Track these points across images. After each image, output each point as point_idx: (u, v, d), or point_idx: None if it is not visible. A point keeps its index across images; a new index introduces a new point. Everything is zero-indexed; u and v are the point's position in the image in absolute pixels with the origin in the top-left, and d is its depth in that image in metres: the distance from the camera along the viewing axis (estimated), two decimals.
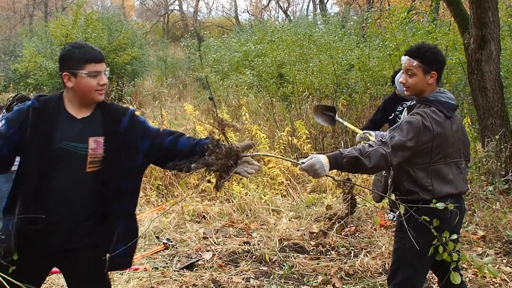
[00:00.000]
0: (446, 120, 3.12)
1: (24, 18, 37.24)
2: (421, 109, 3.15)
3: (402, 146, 3.02)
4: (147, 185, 8.08)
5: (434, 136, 3.06)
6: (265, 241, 5.86)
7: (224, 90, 12.83)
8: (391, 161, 3.01)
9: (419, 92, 3.25)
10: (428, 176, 3.15)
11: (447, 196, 3.19)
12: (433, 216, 3.19)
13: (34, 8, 36.94)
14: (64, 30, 17.96)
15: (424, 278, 3.42)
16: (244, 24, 33.13)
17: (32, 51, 17.14)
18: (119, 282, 4.59)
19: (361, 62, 9.89)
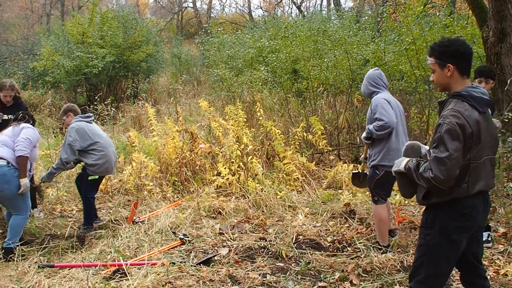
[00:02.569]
0: (480, 115, 3.09)
1: (42, 17, 37.54)
2: (453, 106, 3.12)
3: (453, 159, 3.03)
4: (163, 181, 8.12)
5: (472, 133, 3.04)
6: (281, 237, 5.85)
7: (238, 86, 12.81)
8: (453, 174, 3.06)
9: (444, 87, 3.26)
10: (467, 173, 3.11)
11: (478, 193, 3.17)
12: (461, 214, 3.17)
13: (51, 7, 37.20)
14: (80, 29, 18.09)
15: (447, 276, 3.38)
16: (258, 20, 33.08)
17: (50, 50, 17.25)
18: (137, 276, 4.62)
19: (376, 57, 9.80)
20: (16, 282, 4.73)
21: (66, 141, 6.26)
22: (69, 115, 6.56)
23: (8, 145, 5.51)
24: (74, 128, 6.31)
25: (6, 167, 5.40)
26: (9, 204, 5.62)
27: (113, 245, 5.69)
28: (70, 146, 6.23)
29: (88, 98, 17.46)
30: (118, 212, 7.23)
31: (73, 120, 6.49)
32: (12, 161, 5.45)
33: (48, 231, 6.50)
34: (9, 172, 5.41)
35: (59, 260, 5.50)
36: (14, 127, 5.68)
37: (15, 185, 5.47)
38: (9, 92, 6.65)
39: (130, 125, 13.87)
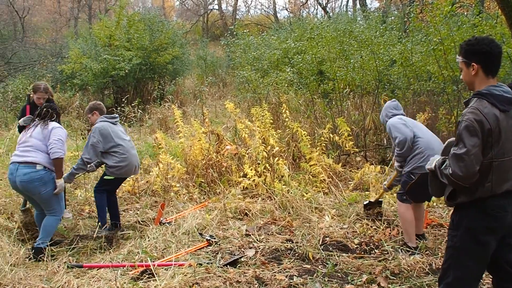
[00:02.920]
0: (501, 113, 3.05)
1: (70, 21, 38.10)
2: (473, 104, 3.11)
3: (471, 155, 3.03)
4: (189, 182, 8.15)
5: (491, 129, 3.00)
6: (308, 239, 5.82)
7: (264, 88, 12.81)
8: (472, 171, 3.06)
9: (470, 85, 3.29)
10: (490, 172, 3.07)
11: (506, 193, 3.12)
12: (487, 214, 3.12)
13: (78, 10, 37.75)
14: (107, 32, 18.29)
15: (477, 279, 3.31)
16: (283, 21, 33.05)
17: (78, 53, 17.49)
18: (165, 277, 4.64)
19: (403, 57, 9.72)
20: (46, 282, 4.79)
21: (90, 142, 6.23)
22: (94, 113, 6.56)
23: (41, 149, 5.58)
24: (98, 128, 6.29)
25: (43, 170, 5.51)
26: (45, 205, 5.71)
27: (140, 246, 5.74)
28: (93, 147, 6.21)
29: (115, 100, 17.66)
30: (145, 213, 7.28)
31: (98, 119, 6.48)
32: (48, 164, 5.55)
33: (76, 232, 6.58)
34: (45, 175, 5.53)
35: (88, 260, 5.57)
36: (43, 130, 5.67)
37: (51, 187, 5.60)
38: (43, 94, 6.74)
39: (157, 127, 13.98)
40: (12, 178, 5.53)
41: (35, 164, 5.49)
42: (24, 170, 5.46)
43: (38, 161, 5.50)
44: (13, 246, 5.68)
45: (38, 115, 5.81)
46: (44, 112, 5.82)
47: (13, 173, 5.51)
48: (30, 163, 5.48)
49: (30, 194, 5.60)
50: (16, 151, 5.64)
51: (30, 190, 5.52)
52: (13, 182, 5.56)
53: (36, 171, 5.47)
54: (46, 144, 5.60)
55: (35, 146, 5.57)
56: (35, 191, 5.54)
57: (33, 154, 5.52)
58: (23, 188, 5.51)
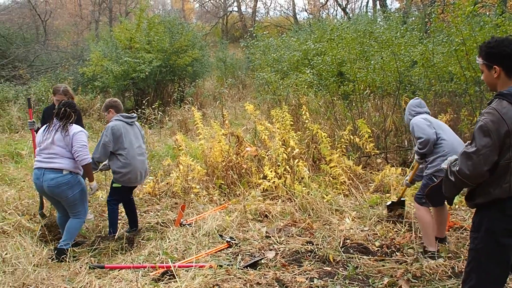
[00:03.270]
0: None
1: (91, 24, 38.52)
2: (492, 104, 3.08)
3: (480, 155, 3.01)
4: (209, 184, 8.17)
5: (510, 131, 2.97)
6: (328, 241, 5.80)
7: (284, 90, 12.80)
8: (480, 170, 3.04)
9: (492, 87, 3.25)
10: (508, 173, 3.03)
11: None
12: (506, 215, 3.08)
13: (99, 14, 38.13)
14: (128, 34, 18.42)
15: (500, 282, 3.26)
16: (303, 23, 33.01)
17: (99, 55, 17.64)
18: (185, 278, 4.66)
19: (424, 58, 9.63)
20: (68, 282, 4.84)
21: (101, 141, 6.09)
22: (110, 111, 6.42)
23: (65, 155, 5.63)
24: (111, 127, 6.14)
25: (69, 175, 5.60)
26: (71, 208, 5.77)
27: (161, 247, 5.77)
28: (104, 147, 6.08)
29: (136, 102, 17.80)
30: (165, 214, 7.32)
31: (114, 118, 6.34)
32: (73, 168, 5.63)
33: (98, 233, 6.63)
34: (72, 179, 5.62)
35: (109, 261, 5.62)
36: (65, 137, 5.64)
37: (78, 190, 5.70)
38: (62, 96, 6.73)
39: (177, 129, 14.04)
40: (39, 183, 5.60)
41: (61, 170, 5.56)
42: (51, 175, 5.53)
43: (64, 167, 5.58)
44: (36, 247, 5.75)
45: (57, 115, 5.78)
46: (62, 112, 5.77)
47: (39, 177, 5.58)
48: (56, 169, 5.56)
49: (58, 197, 5.68)
50: (39, 157, 5.69)
51: (58, 194, 5.60)
52: (40, 186, 5.63)
53: (63, 175, 5.56)
54: (69, 151, 5.64)
55: (59, 153, 5.61)
56: (62, 195, 5.62)
57: (58, 161, 5.59)
58: (51, 192, 5.59)
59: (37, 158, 5.71)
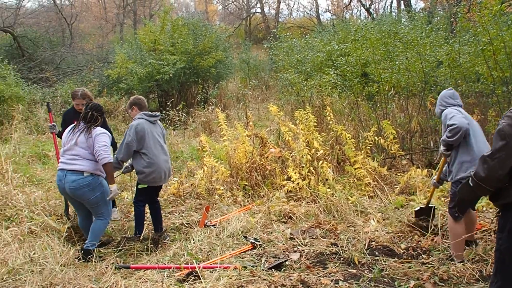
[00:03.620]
0: None
1: (115, 26, 38.92)
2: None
3: (495, 158, 3.00)
4: (233, 185, 8.19)
5: None
6: (353, 243, 5.77)
7: (307, 91, 12.76)
8: (495, 174, 3.03)
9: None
10: None
11: None
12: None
13: (124, 16, 38.50)
14: (152, 37, 18.56)
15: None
16: (326, 23, 32.89)
17: (123, 57, 17.81)
18: (210, 279, 4.67)
19: (450, 58, 9.50)
20: (95, 282, 4.89)
21: (124, 140, 6.09)
22: (134, 108, 6.41)
23: (87, 157, 5.67)
24: (134, 126, 6.12)
25: (90, 177, 5.63)
26: (94, 210, 5.83)
27: (186, 248, 5.80)
28: (128, 146, 6.07)
29: (160, 104, 17.92)
30: (190, 215, 7.35)
31: (137, 116, 6.33)
32: (94, 170, 5.67)
33: (124, 234, 6.69)
34: (93, 180, 5.65)
35: (135, 261, 5.66)
36: (88, 139, 5.69)
37: (100, 192, 5.73)
38: (81, 100, 6.79)
39: (201, 130, 14.10)
40: (61, 185, 5.66)
41: (82, 172, 5.61)
42: (72, 177, 5.58)
43: (85, 169, 5.61)
44: (63, 247, 5.82)
45: (84, 119, 5.83)
46: (89, 116, 5.81)
47: (61, 179, 5.64)
48: (78, 171, 5.61)
49: (79, 199, 5.73)
50: (62, 158, 5.75)
51: (79, 195, 5.65)
52: (62, 188, 5.70)
53: (84, 177, 5.60)
54: (91, 152, 5.68)
55: (81, 155, 5.66)
56: (84, 197, 5.66)
57: (79, 162, 5.63)
58: (72, 193, 5.64)
59: (61, 159, 5.78)
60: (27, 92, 16.23)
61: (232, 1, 45.80)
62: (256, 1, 43.27)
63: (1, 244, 5.68)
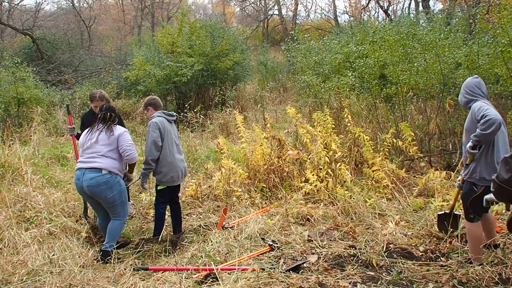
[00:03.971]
0: None
1: (133, 29, 39.23)
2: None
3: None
4: (251, 187, 8.20)
5: None
6: (371, 245, 5.75)
7: (325, 93, 12.75)
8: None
9: None
10: None
11: None
12: None
13: (142, 19, 38.76)
14: (170, 39, 18.66)
15: None
16: (344, 25, 32.80)
17: (141, 60, 17.93)
18: (228, 281, 4.69)
19: (469, 60, 9.43)
20: (113, 284, 4.93)
21: (150, 138, 6.10)
22: (149, 108, 6.45)
23: (107, 155, 5.74)
24: (154, 122, 6.15)
25: (108, 175, 5.69)
26: (110, 209, 5.88)
27: (204, 249, 5.82)
28: (155, 143, 6.08)
29: (178, 106, 18.00)
30: (208, 217, 7.38)
31: (155, 114, 6.34)
32: (113, 169, 5.73)
33: (142, 235, 6.73)
34: (111, 179, 5.71)
35: (153, 263, 5.69)
36: (110, 136, 5.78)
37: (117, 190, 5.78)
38: (99, 102, 6.82)
39: (218, 132, 14.14)
40: (79, 183, 5.71)
41: (100, 169, 5.68)
42: (91, 175, 5.64)
43: (103, 167, 5.67)
44: (82, 248, 5.88)
45: (103, 120, 5.89)
46: (108, 116, 5.89)
47: (79, 178, 5.70)
48: (96, 169, 5.67)
49: (97, 197, 5.77)
50: (81, 157, 5.82)
51: (97, 193, 5.70)
52: (80, 187, 5.75)
53: (102, 175, 5.65)
54: (111, 150, 5.76)
55: (101, 152, 5.73)
56: (102, 195, 5.71)
57: (98, 160, 5.69)
58: (90, 191, 5.69)
59: (80, 159, 5.84)
60: (46, 94, 16.46)
61: (250, 3, 45.86)
62: (273, 3, 43.31)
63: (21, 245, 5.76)
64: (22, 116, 14.61)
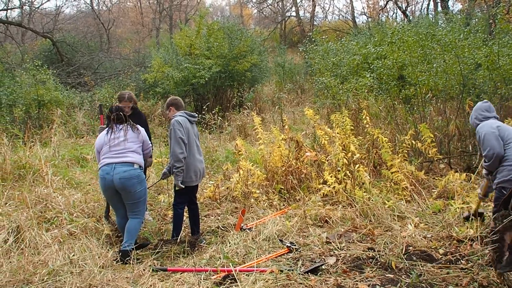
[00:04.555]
0: None
1: (152, 31, 39.46)
2: None
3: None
4: (269, 189, 8.20)
5: None
6: (390, 248, 5.70)
7: (343, 94, 12.71)
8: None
9: None
10: None
11: None
12: None
13: (160, 21, 38.99)
14: (188, 41, 18.72)
15: None
16: (362, 26, 32.65)
17: (160, 62, 18.02)
18: (246, 283, 4.68)
19: (489, 60, 9.34)
20: (133, 284, 4.96)
21: (177, 136, 6.11)
22: (171, 109, 6.53)
23: (137, 151, 5.96)
24: (177, 120, 6.20)
25: (139, 169, 5.86)
26: (133, 206, 5.93)
27: (222, 251, 5.82)
28: (181, 140, 6.11)
29: (196, 108, 18.07)
30: (226, 219, 7.39)
31: (177, 113, 6.41)
32: (142, 164, 5.99)
33: (160, 236, 6.76)
34: (141, 174, 5.88)
35: (172, 264, 5.71)
36: (138, 134, 6.05)
37: (144, 186, 5.96)
38: (127, 103, 6.99)
39: (236, 134, 14.16)
40: (109, 177, 5.74)
41: (133, 163, 5.81)
42: (123, 168, 5.75)
43: (135, 161, 5.85)
44: (101, 249, 5.92)
45: (118, 120, 6.01)
46: (122, 116, 6.04)
47: (109, 172, 5.74)
48: (128, 163, 5.79)
49: (127, 191, 5.80)
50: (109, 154, 5.86)
51: (128, 186, 5.76)
52: (109, 181, 5.75)
53: (134, 169, 5.81)
54: (140, 147, 6.01)
55: (132, 149, 5.90)
56: (132, 189, 5.79)
57: (131, 155, 5.86)
58: (122, 184, 5.73)
59: (107, 155, 5.87)
60: (66, 96, 16.64)
61: (267, 5, 45.85)
62: (291, 5, 43.25)
63: (42, 245, 5.82)
64: (42, 118, 14.78)
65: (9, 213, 6.69)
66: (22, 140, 11.53)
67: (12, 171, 8.72)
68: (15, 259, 5.45)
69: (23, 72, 16.32)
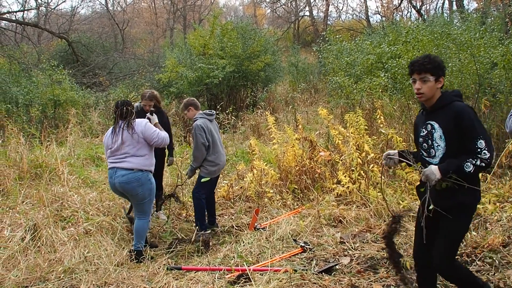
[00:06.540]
0: None
1: (166, 31, 39.65)
2: None
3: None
4: (283, 188, 8.20)
5: None
6: (405, 248, 5.68)
7: (357, 93, 12.65)
8: None
9: None
10: None
11: None
12: None
13: (174, 21, 39.15)
14: (202, 41, 18.75)
15: None
16: (376, 25, 32.50)
17: (174, 62, 18.06)
18: (261, 282, 4.70)
19: (506, 59, 9.25)
20: (148, 282, 5.00)
21: (198, 141, 6.54)
22: (190, 109, 6.86)
23: (135, 154, 5.85)
24: (199, 125, 6.58)
25: (140, 172, 5.82)
26: (138, 206, 5.98)
27: (236, 250, 5.85)
28: (203, 144, 6.55)
29: (209, 107, 18.06)
30: (239, 218, 7.41)
31: (197, 116, 6.77)
32: (143, 166, 5.86)
33: (175, 235, 6.80)
34: (142, 176, 5.84)
35: (186, 263, 5.74)
36: (133, 135, 5.89)
37: (147, 187, 5.91)
38: (148, 102, 7.15)
39: (250, 133, 14.17)
40: (112, 181, 5.88)
41: (132, 168, 5.79)
42: (122, 172, 5.79)
43: (134, 166, 5.81)
44: (116, 247, 5.98)
45: (121, 116, 5.95)
46: (125, 112, 5.95)
47: (112, 176, 5.86)
48: (127, 168, 5.80)
49: (128, 194, 5.92)
50: (111, 158, 5.93)
51: (129, 190, 5.82)
52: (112, 184, 5.91)
53: (134, 173, 5.80)
54: (139, 148, 5.87)
55: (129, 152, 5.84)
56: (133, 192, 5.84)
57: (129, 160, 5.82)
58: (122, 188, 5.83)
59: (110, 159, 5.96)
60: (81, 96, 16.73)
61: (281, 5, 45.83)
62: (304, 4, 43.20)
63: (58, 243, 5.88)
64: (58, 118, 14.90)
65: (26, 211, 6.78)
66: (38, 140, 11.64)
67: (29, 170, 8.81)
68: (32, 256, 5.53)
69: (40, 72, 16.45)
